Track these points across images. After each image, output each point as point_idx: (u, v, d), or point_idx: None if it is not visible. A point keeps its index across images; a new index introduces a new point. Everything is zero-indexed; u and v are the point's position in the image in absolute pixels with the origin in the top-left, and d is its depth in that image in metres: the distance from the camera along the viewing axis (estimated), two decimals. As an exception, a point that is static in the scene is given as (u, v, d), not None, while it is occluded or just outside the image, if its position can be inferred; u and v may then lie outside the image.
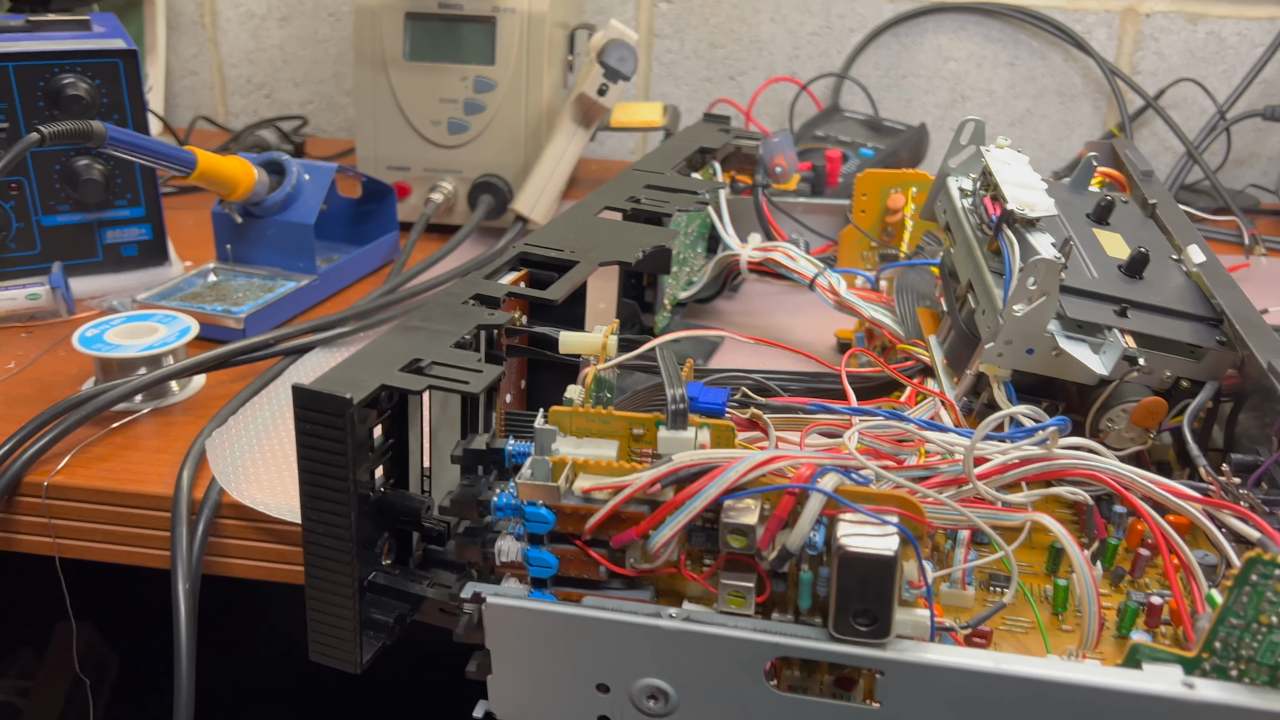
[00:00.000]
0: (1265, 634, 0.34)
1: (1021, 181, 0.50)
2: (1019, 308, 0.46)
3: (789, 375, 0.53)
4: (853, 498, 0.34)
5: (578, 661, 0.37)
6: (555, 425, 0.39)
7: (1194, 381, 0.48)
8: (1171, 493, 0.40)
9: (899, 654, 0.34)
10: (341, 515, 0.37)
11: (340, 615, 0.39)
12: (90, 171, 0.70)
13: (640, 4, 1.09)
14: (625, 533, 0.36)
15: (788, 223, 0.77)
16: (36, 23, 0.72)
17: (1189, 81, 1.03)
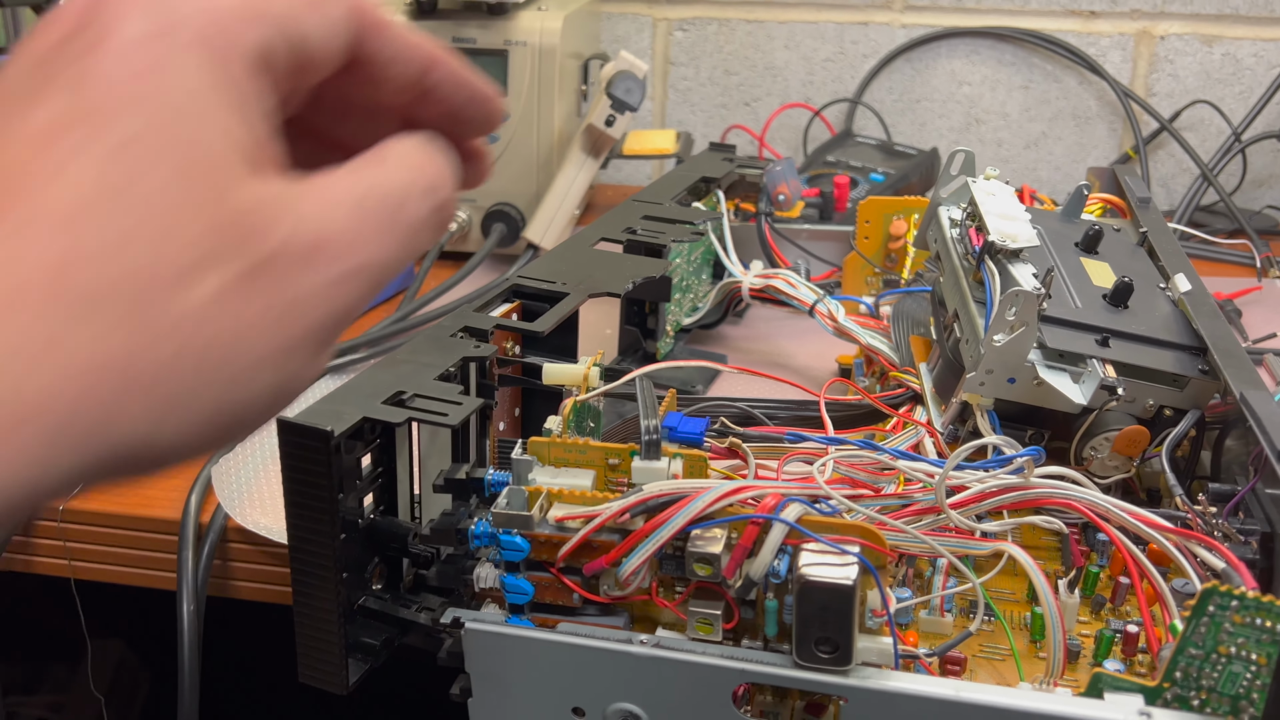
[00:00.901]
0: (1225, 664, 0.34)
1: (1005, 213, 0.51)
2: (999, 338, 0.47)
3: (777, 404, 0.54)
4: (815, 528, 0.35)
5: (553, 685, 0.38)
6: (534, 455, 0.40)
7: (1177, 410, 0.48)
8: (1144, 522, 0.41)
9: (861, 681, 0.35)
10: (326, 543, 0.39)
11: (327, 638, 0.40)
12: None
13: (656, 32, 1.11)
14: (596, 560, 0.37)
15: (791, 250, 0.78)
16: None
17: (1204, 103, 1.02)
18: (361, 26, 0.26)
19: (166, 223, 0.21)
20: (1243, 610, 0.33)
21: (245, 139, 0.23)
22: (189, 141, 0.22)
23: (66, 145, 0.21)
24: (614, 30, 1.11)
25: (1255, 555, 0.40)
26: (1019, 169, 1.09)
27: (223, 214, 0.22)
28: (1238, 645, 0.34)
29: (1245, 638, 0.33)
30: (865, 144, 1.03)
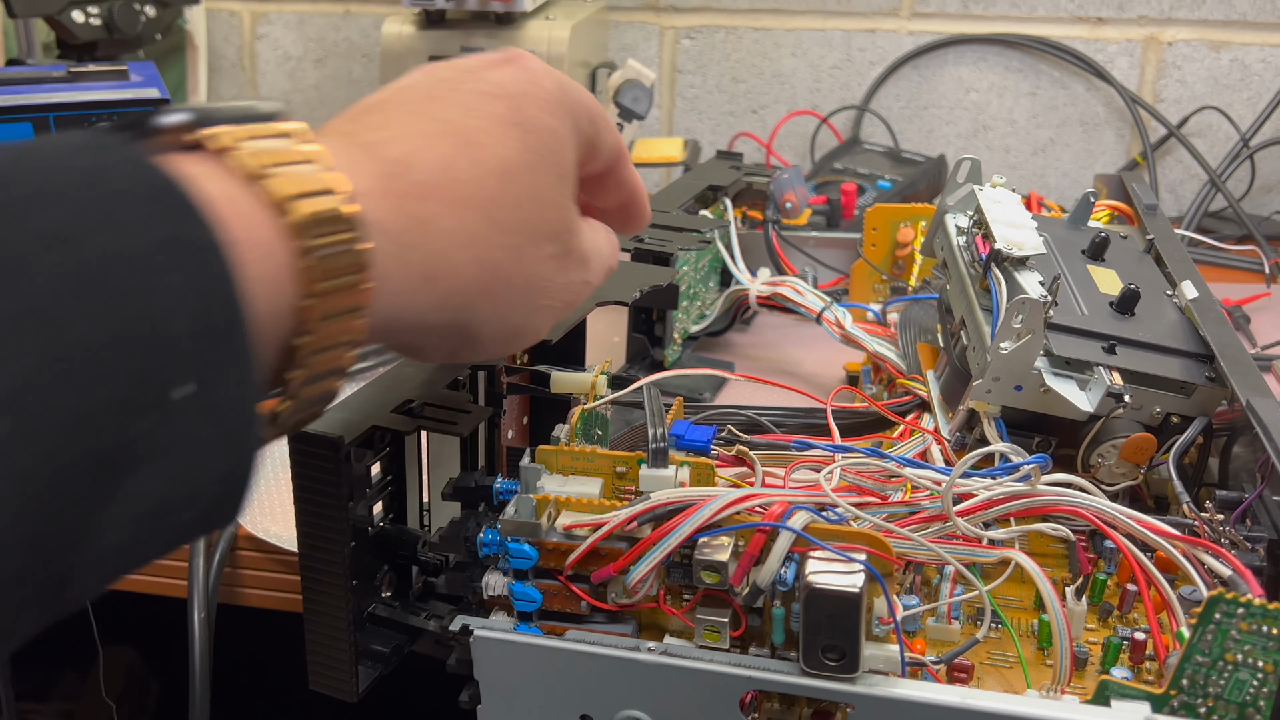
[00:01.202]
0: (1231, 672, 0.34)
1: (1011, 220, 0.51)
2: (1005, 345, 0.47)
3: (785, 411, 0.54)
4: (821, 535, 0.35)
5: (561, 693, 0.38)
6: (542, 463, 0.40)
7: (1184, 417, 0.48)
8: (1151, 529, 0.41)
9: (867, 688, 0.35)
10: (336, 550, 0.39)
11: (336, 646, 0.40)
12: None
13: (664, 40, 1.11)
14: (604, 569, 0.37)
15: (799, 257, 0.78)
16: (77, 73, 0.75)
17: (1212, 109, 1.02)
18: (619, 156, 0.40)
19: (546, 201, 0.35)
20: (1249, 618, 0.33)
21: (574, 172, 0.37)
22: (562, 157, 0.36)
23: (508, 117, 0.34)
24: (622, 39, 1.11)
25: (1263, 562, 0.40)
26: (1027, 175, 1.09)
27: (562, 212, 0.36)
28: (1244, 653, 0.34)
29: (1252, 645, 0.34)
30: (873, 151, 1.03)
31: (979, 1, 1.06)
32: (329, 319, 0.28)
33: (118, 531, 0.24)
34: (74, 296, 0.23)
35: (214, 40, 1.20)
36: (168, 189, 0.25)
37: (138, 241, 0.24)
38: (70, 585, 0.24)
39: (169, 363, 0.24)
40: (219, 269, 0.25)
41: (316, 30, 1.18)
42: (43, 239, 0.23)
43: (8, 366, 0.22)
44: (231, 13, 1.19)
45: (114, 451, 0.23)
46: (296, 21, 1.18)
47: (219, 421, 0.25)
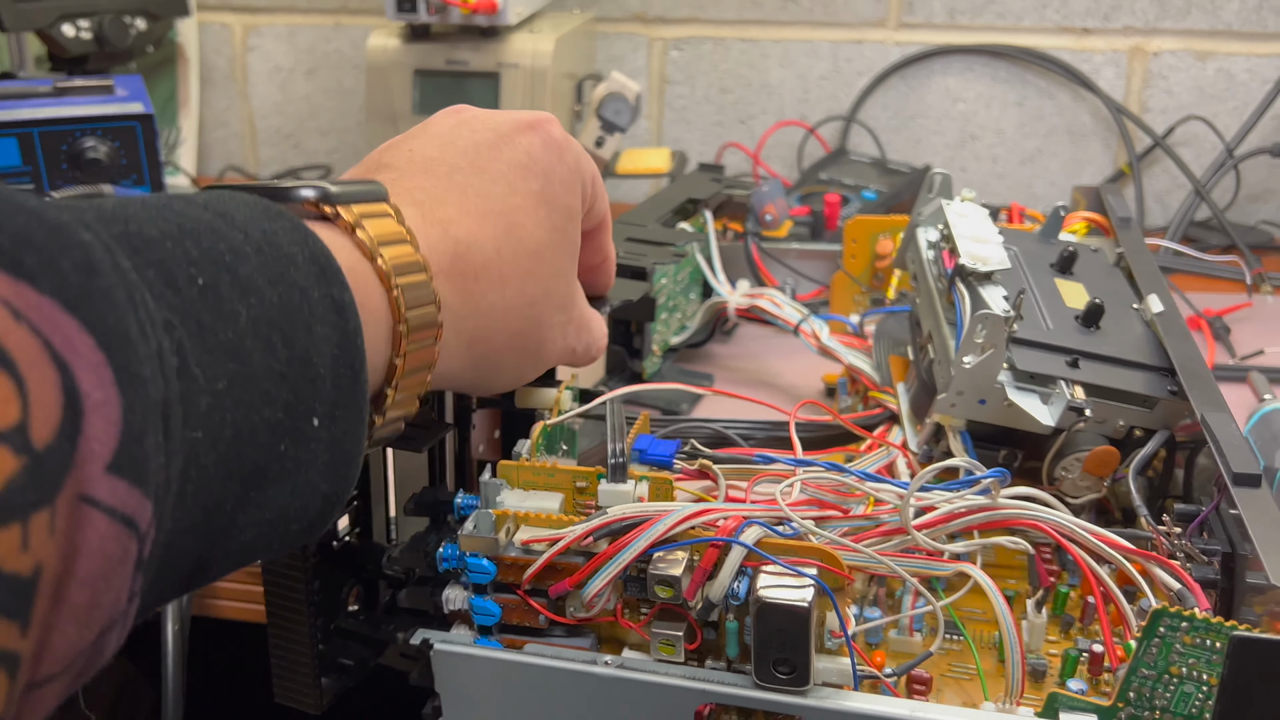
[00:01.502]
0: (1177, 685, 0.34)
1: (977, 235, 0.52)
2: (969, 360, 0.47)
3: (754, 424, 0.54)
4: (773, 550, 0.36)
5: (521, 706, 0.39)
6: (503, 478, 0.41)
7: (1148, 430, 0.48)
8: (1106, 543, 0.41)
9: (819, 701, 0.35)
10: (297, 564, 0.39)
11: (300, 659, 0.41)
12: (95, 152, 0.72)
13: (652, 51, 1.12)
14: (561, 583, 0.38)
15: (780, 269, 0.78)
16: (63, 89, 0.76)
17: (1198, 119, 1.03)
18: (605, 223, 0.45)
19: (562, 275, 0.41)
20: (1193, 631, 0.34)
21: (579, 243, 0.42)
22: (575, 233, 0.42)
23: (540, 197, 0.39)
24: (610, 49, 1.12)
25: (1216, 575, 0.40)
26: (1014, 185, 1.09)
27: (572, 285, 0.42)
28: (1189, 665, 0.34)
29: (1196, 658, 0.34)
30: (859, 162, 1.04)
31: (965, 12, 1.06)
32: (409, 374, 0.34)
33: (249, 532, 0.29)
34: (258, 337, 0.28)
35: (205, 52, 1.21)
36: (323, 257, 0.31)
37: (304, 298, 0.29)
38: (205, 571, 0.28)
39: (312, 397, 0.29)
40: (355, 325, 0.31)
41: (307, 42, 1.19)
42: (239, 287, 0.28)
43: (213, 384, 0.27)
44: (223, 25, 1.20)
45: (264, 465, 0.28)
46: (287, 33, 1.19)
47: (335, 450, 0.30)
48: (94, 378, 0.23)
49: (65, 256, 0.23)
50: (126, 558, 0.24)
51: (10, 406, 0.21)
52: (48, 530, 0.21)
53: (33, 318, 0.22)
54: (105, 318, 0.23)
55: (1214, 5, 1.02)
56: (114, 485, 0.23)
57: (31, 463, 0.21)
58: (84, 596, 0.23)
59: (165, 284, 0.26)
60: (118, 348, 0.23)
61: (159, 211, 0.28)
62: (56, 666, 0.23)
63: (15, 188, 0.24)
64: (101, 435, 0.23)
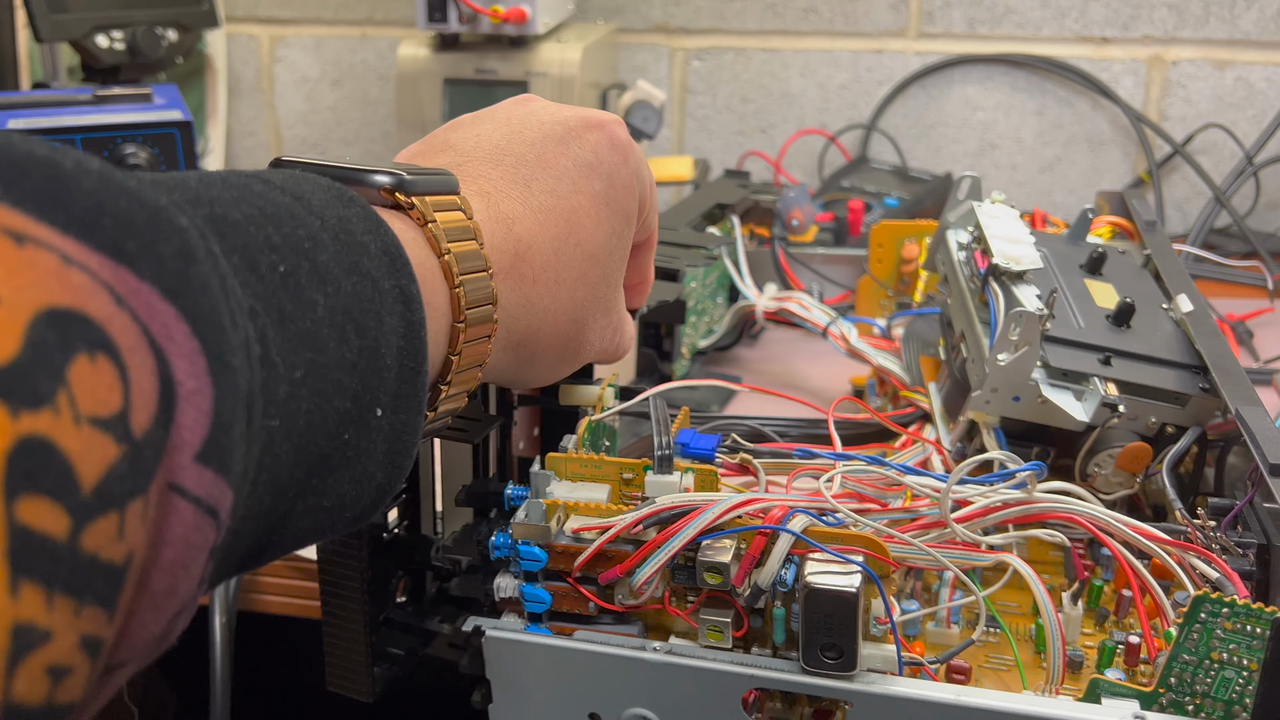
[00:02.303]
0: (1218, 670, 0.35)
1: (1009, 236, 0.52)
2: (1003, 357, 0.48)
3: (789, 422, 0.55)
4: (820, 538, 0.37)
5: (570, 691, 0.40)
6: (552, 470, 0.42)
7: (1179, 427, 0.49)
8: (1144, 535, 0.42)
9: (865, 686, 0.36)
10: (353, 557, 0.40)
11: (354, 648, 0.42)
12: (136, 158, 0.74)
13: (674, 61, 1.13)
14: (611, 570, 0.39)
15: (806, 273, 0.79)
16: (102, 97, 0.77)
17: (1217, 127, 1.04)
18: (651, 241, 0.46)
19: (613, 280, 0.41)
20: (1233, 617, 0.34)
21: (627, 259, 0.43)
22: (628, 241, 0.42)
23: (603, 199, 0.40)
24: (633, 60, 1.13)
25: (1252, 567, 0.41)
26: (1033, 193, 1.10)
27: (619, 289, 0.42)
28: (1229, 651, 0.35)
29: (1237, 644, 0.35)
30: (880, 169, 1.05)
31: (985, 22, 1.07)
32: (462, 370, 0.35)
33: (307, 519, 0.29)
34: (334, 326, 0.28)
35: (233, 63, 1.22)
36: (395, 248, 0.31)
37: (375, 288, 0.30)
38: (259, 556, 0.29)
39: (378, 387, 0.30)
40: (420, 317, 0.31)
41: (333, 53, 1.20)
42: (317, 275, 0.28)
43: (291, 373, 0.27)
44: (250, 36, 1.22)
45: (329, 454, 0.29)
46: (314, 44, 1.21)
47: (394, 441, 0.31)
48: (188, 366, 0.23)
49: (165, 242, 0.23)
50: (205, 545, 0.24)
51: (114, 394, 0.21)
52: (140, 519, 0.21)
53: (133, 303, 0.22)
54: (201, 306, 0.23)
55: (1232, 14, 1.02)
56: (201, 475, 0.23)
57: (131, 451, 0.21)
58: (164, 584, 0.23)
59: (249, 270, 0.26)
60: (212, 337, 0.23)
61: (241, 193, 0.28)
62: (131, 653, 0.23)
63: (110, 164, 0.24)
64: (193, 424, 0.23)
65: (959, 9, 1.07)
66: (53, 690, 0.19)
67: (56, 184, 0.22)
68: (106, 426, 0.20)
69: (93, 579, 0.20)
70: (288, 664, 0.80)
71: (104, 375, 0.21)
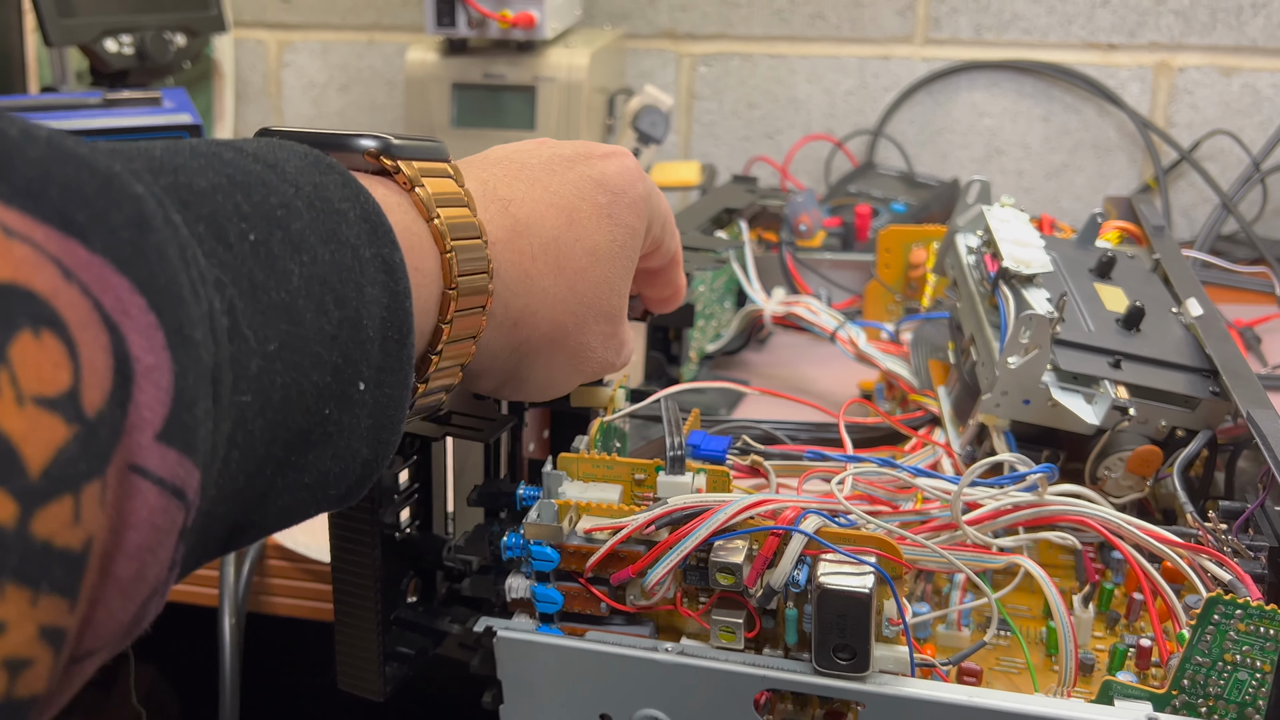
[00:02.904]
0: (1231, 672, 0.35)
1: (1019, 239, 0.53)
2: (1013, 360, 0.48)
3: (799, 425, 0.55)
4: (832, 539, 0.37)
5: (581, 692, 0.40)
6: (564, 470, 0.42)
7: (1189, 431, 0.49)
8: (1155, 538, 0.42)
9: (878, 687, 0.36)
10: (365, 556, 0.40)
11: (365, 647, 0.42)
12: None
13: (681, 67, 1.14)
14: (623, 571, 0.39)
15: (813, 278, 0.79)
16: (112, 100, 0.78)
17: (1224, 134, 1.04)
18: (675, 260, 0.46)
19: (614, 287, 0.40)
20: (1246, 619, 0.34)
21: (635, 267, 0.42)
22: (634, 254, 0.41)
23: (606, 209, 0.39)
24: (639, 65, 1.13)
25: (1264, 570, 0.41)
26: (1040, 199, 1.10)
27: (621, 299, 0.41)
28: (1243, 653, 0.35)
29: (1250, 646, 0.35)
30: (887, 175, 1.05)
31: (991, 28, 1.07)
32: (454, 341, 0.33)
33: (288, 496, 0.28)
34: (310, 297, 0.27)
35: (241, 68, 1.23)
36: (375, 214, 0.30)
37: (355, 257, 0.28)
38: (240, 536, 0.28)
39: (359, 360, 0.28)
40: (404, 286, 0.30)
41: (341, 58, 1.21)
42: (290, 244, 0.27)
43: (264, 346, 0.26)
44: (258, 41, 1.22)
45: (308, 429, 0.27)
46: (321, 49, 1.21)
47: (378, 416, 0.30)
48: (145, 341, 0.22)
49: (117, 211, 0.22)
50: (173, 528, 0.23)
51: (61, 371, 0.20)
52: (98, 502, 0.20)
53: (83, 277, 0.21)
54: (157, 277, 0.22)
55: (1239, 21, 1.03)
56: (164, 454, 0.22)
57: (83, 431, 0.20)
58: (130, 570, 0.22)
59: (216, 239, 0.25)
60: (170, 310, 0.22)
61: (209, 161, 0.27)
62: (99, 641, 0.22)
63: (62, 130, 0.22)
64: (152, 402, 0.22)
65: (966, 15, 1.07)
66: (11, 684, 0.19)
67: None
68: (54, 406, 0.19)
69: (48, 566, 0.19)
70: (296, 666, 0.80)
71: (50, 352, 0.20)
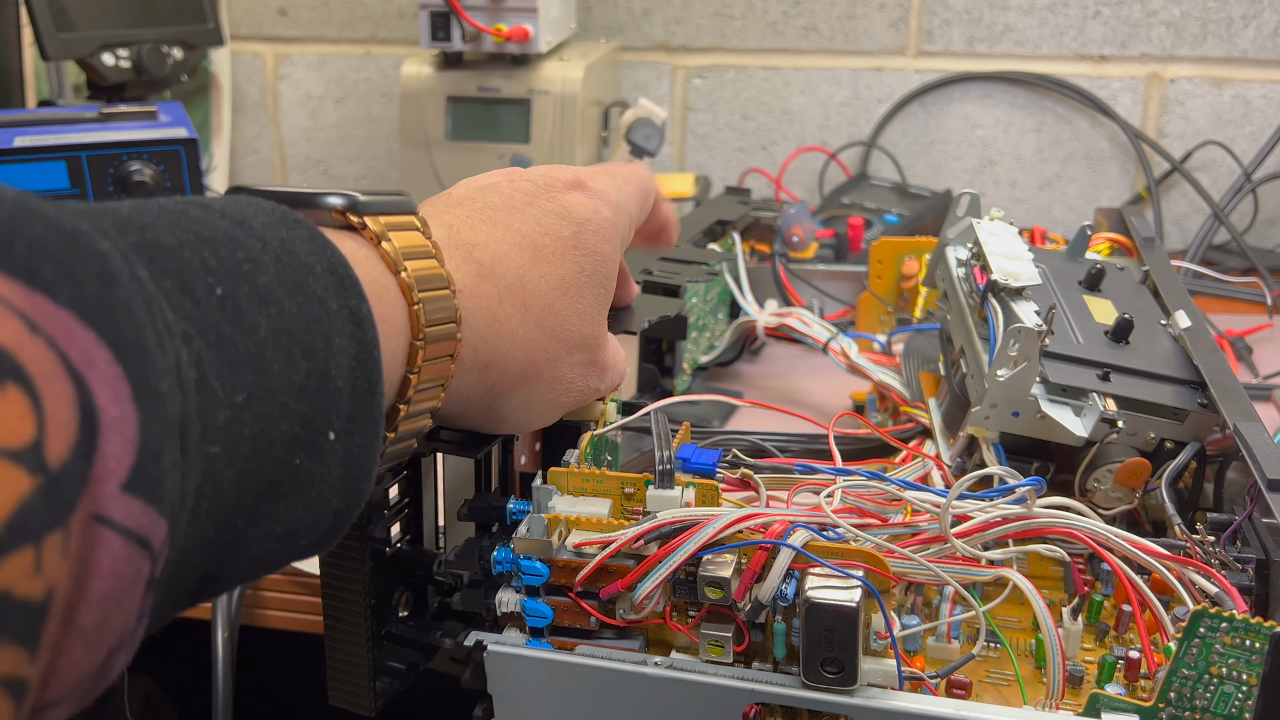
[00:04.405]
0: (1217, 685, 0.35)
1: (1008, 252, 0.53)
2: (1002, 373, 0.48)
3: (790, 437, 0.55)
4: (820, 553, 0.37)
5: (571, 706, 0.40)
6: (553, 485, 0.42)
7: (1178, 442, 0.49)
8: (1143, 550, 0.42)
9: (866, 700, 0.36)
10: (356, 571, 0.41)
11: (356, 663, 0.42)
12: (141, 175, 0.74)
13: (675, 79, 1.14)
14: (612, 585, 0.39)
15: (806, 289, 0.80)
16: (108, 114, 0.78)
17: (1215, 144, 1.04)
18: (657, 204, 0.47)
19: (586, 318, 0.41)
20: (1232, 631, 0.35)
21: (612, 290, 0.43)
22: (606, 279, 0.41)
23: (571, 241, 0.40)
24: (634, 78, 1.14)
25: (1251, 582, 0.41)
26: (1033, 210, 1.11)
27: (596, 328, 0.41)
28: (1229, 666, 0.35)
29: (1236, 658, 0.35)
30: (880, 186, 1.05)
31: (984, 40, 1.08)
32: (423, 389, 0.34)
33: (260, 546, 0.28)
34: (278, 348, 0.27)
35: (238, 81, 1.23)
36: (342, 267, 0.30)
37: (323, 309, 0.29)
38: (211, 586, 0.28)
39: (329, 410, 0.29)
40: (372, 337, 0.30)
41: (337, 71, 1.21)
42: (258, 297, 0.27)
43: (232, 397, 0.26)
44: (255, 54, 1.23)
45: (278, 479, 0.28)
46: (318, 62, 1.22)
47: (349, 465, 0.30)
48: (111, 393, 0.22)
49: (82, 266, 0.22)
50: (139, 578, 0.23)
51: (25, 424, 0.20)
52: (60, 552, 0.20)
53: (49, 330, 0.21)
54: (123, 330, 0.22)
55: (1229, 33, 1.03)
56: (129, 505, 0.22)
57: (46, 483, 0.20)
58: (94, 619, 0.22)
59: (183, 294, 0.25)
60: (136, 362, 0.22)
61: (176, 219, 0.27)
62: (63, 690, 0.22)
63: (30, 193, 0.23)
64: (118, 453, 0.22)
65: (958, 27, 1.08)
66: None
67: None
68: (17, 458, 0.20)
69: (8, 617, 0.19)
70: (289, 679, 0.80)
71: (14, 405, 0.20)
